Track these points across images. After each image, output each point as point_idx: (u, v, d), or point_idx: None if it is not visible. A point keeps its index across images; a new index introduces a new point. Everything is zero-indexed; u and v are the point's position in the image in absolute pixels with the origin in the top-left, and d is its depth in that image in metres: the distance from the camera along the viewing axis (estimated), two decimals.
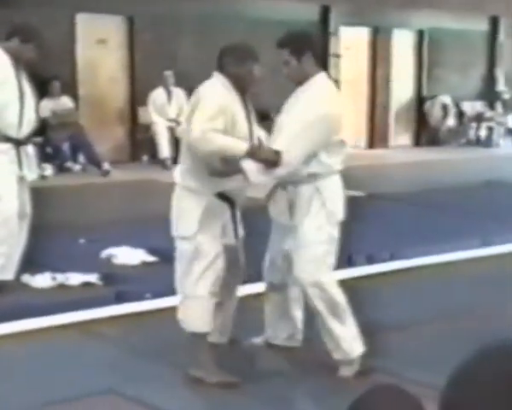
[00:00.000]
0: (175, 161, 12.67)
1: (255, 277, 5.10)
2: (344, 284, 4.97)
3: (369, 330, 5.33)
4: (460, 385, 1.16)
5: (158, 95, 13.06)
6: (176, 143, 12.74)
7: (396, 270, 6.91)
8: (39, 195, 6.24)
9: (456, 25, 16.89)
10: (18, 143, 5.85)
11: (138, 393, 4.31)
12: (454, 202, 9.73)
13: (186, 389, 4.48)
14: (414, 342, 5.21)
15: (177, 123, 12.93)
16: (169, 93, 13.08)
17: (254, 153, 4.26)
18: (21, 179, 5.92)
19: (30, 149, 6.02)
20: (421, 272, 6.89)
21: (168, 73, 12.98)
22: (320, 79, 4.58)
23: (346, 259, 6.76)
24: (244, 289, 4.93)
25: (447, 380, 1.18)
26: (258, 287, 5.16)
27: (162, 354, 4.83)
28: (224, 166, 4.29)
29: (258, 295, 5.14)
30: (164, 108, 13.02)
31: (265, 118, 7.14)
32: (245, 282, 4.84)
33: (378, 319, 5.57)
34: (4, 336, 5.13)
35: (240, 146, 4.28)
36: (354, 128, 14.25)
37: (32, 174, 6.03)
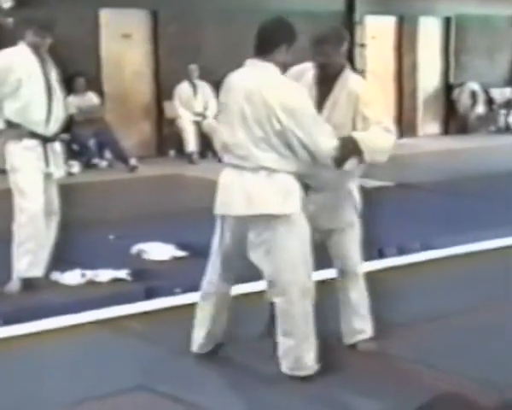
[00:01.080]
0: (202, 155, 12.72)
1: None
2: (374, 275, 4.92)
3: (400, 322, 5.29)
4: None
5: (183, 89, 13.03)
6: (202, 137, 12.73)
7: (427, 260, 6.84)
8: (67, 192, 6.23)
9: (482, 10, 16.71)
10: (45, 140, 5.84)
11: (169, 389, 4.28)
12: (484, 191, 9.63)
13: (218, 384, 4.44)
14: (446, 332, 5.13)
15: (204, 117, 12.90)
16: (194, 87, 13.05)
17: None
18: (48, 177, 5.90)
19: (57, 146, 6.01)
20: (451, 261, 6.82)
21: (193, 67, 12.95)
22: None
23: (376, 250, 6.71)
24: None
25: None
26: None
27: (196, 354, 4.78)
28: None
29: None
30: (190, 102, 12.99)
31: None
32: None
33: (409, 310, 5.51)
34: (34, 334, 5.13)
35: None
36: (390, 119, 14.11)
37: (59, 171, 6.01)
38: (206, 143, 12.42)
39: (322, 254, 4.70)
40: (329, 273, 4.98)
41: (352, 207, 4.71)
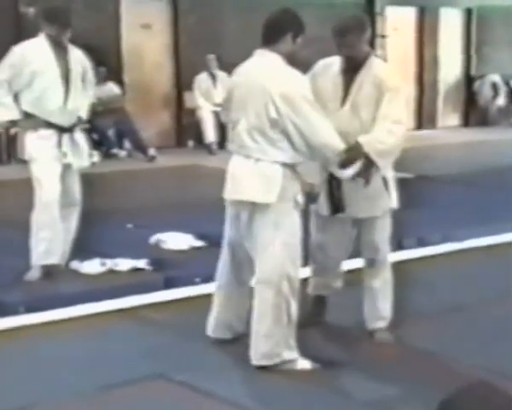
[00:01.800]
0: (220, 145, 12.71)
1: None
2: (395, 267, 4.91)
3: (421, 314, 5.28)
4: None
5: (202, 79, 13.01)
6: (221, 127, 12.73)
7: (447, 252, 6.82)
8: (86, 181, 6.25)
9: (504, 2, 16.57)
10: (62, 130, 5.86)
11: (188, 378, 4.29)
12: (504, 183, 9.56)
13: (236, 373, 4.44)
14: (465, 324, 5.11)
15: None
16: (213, 77, 13.03)
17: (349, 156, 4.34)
18: (68, 167, 5.93)
19: (78, 136, 6.03)
20: (472, 254, 6.79)
21: (211, 57, 12.92)
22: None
23: (396, 242, 6.68)
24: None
25: None
26: None
27: (212, 339, 4.79)
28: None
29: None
30: (209, 93, 12.98)
31: None
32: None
33: (429, 302, 5.50)
34: (53, 323, 5.15)
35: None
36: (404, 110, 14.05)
37: (81, 162, 6.04)
38: (225, 133, 12.40)
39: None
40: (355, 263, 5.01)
41: (385, 196, 4.68)
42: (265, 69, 4.32)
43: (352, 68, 4.57)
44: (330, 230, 4.81)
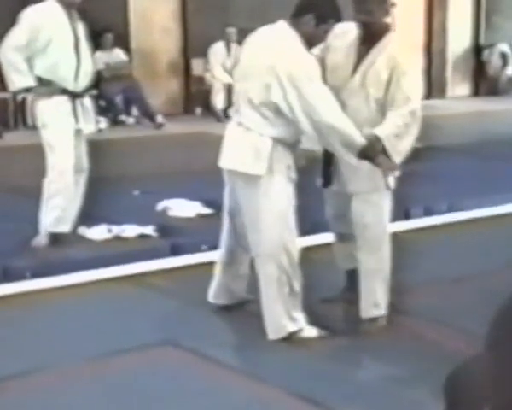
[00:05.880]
0: (225, 113, 12.66)
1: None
2: (401, 236, 4.90)
3: (426, 282, 5.28)
4: (504, 324, 1.10)
5: (218, 49, 12.94)
6: (229, 95, 12.67)
7: (454, 222, 6.80)
8: (93, 147, 6.24)
9: None
10: (74, 96, 5.84)
11: (194, 344, 4.31)
12: None
13: (242, 340, 4.46)
14: (474, 294, 5.11)
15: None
16: (229, 49, 12.95)
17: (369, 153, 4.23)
18: (78, 132, 5.92)
19: (87, 102, 6.01)
20: (478, 224, 6.78)
21: (231, 30, 12.80)
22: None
23: (403, 211, 6.67)
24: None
25: (491, 321, 1.12)
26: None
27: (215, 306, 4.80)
28: None
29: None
30: (223, 63, 12.92)
31: None
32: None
33: (435, 272, 5.50)
34: (60, 288, 5.17)
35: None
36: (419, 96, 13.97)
37: (89, 127, 6.03)
38: (230, 102, 12.35)
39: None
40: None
41: (380, 172, 4.44)
42: (277, 46, 4.23)
43: (368, 39, 4.38)
44: (333, 203, 4.72)
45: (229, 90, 12.67)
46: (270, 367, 4.12)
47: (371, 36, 4.39)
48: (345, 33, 4.48)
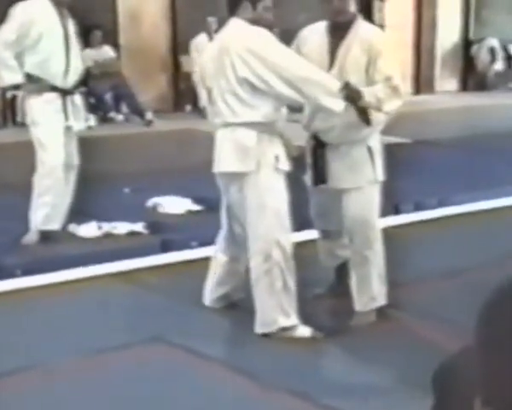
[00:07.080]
0: None
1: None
2: (391, 231, 4.91)
3: (417, 278, 5.29)
4: (492, 319, 1.10)
5: (201, 42, 12.91)
6: None
7: (443, 217, 6.81)
8: (83, 145, 6.23)
9: None
10: (64, 93, 5.83)
11: (184, 341, 4.31)
12: (501, 148, 9.55)
13: (233, 337, 4.46)
14: (464, 289, 5.12)
15: None
16: (211, 40, 12.92)
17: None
18: (68, 129, 5.91)
19: (77, 99, 6.01)
20: (468, 218, 6.78)
21: (212, 20, 12.80)
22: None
23: (392, 206, 6.69)
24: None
25: (479, 315, 1.12)
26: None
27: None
28: None
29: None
30: None
31: None
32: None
33: (426, 267, 5.51)
34: (51, 286, 5.16)
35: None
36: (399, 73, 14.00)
37: (79, 124, 6.02)
38: None
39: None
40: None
41: (370, 166, 4.46)
42: (229, 34, 4.32)
43: (338, 31, 4.41)
44: (317, 201, 4.71)
45: None
46: (261, 363, 4.12)
47: (339, 24, 4.40)
48: (314, 30, 4.54)
